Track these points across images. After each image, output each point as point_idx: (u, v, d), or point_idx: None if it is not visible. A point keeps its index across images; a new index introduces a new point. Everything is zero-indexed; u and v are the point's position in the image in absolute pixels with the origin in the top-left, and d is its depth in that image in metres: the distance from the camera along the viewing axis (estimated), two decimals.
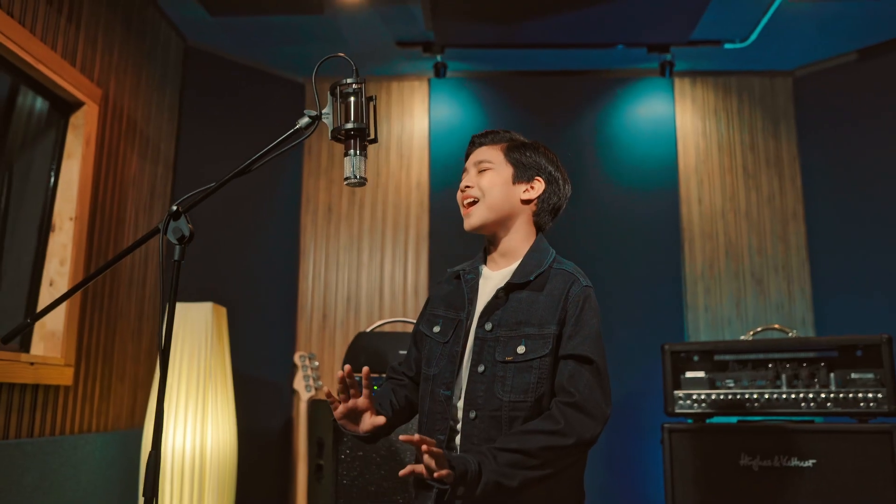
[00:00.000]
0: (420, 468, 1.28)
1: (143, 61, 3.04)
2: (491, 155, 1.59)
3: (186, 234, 1.61)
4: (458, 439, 1.46)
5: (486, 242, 1.63)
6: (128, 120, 2.89)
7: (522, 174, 1.57)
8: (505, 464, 1.32)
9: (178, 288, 1.53)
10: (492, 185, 1.55)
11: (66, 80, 2.42)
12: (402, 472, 1.29)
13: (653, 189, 3.71)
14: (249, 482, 3.10)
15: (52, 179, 2.49)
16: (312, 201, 3.80)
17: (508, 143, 1.61)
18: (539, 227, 1.61)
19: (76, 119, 2.53)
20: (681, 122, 3.81)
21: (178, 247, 1.60)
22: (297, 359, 3.57)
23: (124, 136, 2.87)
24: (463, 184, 1.60)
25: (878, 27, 3.38)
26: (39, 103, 2.49)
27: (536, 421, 1.40)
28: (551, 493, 1.44)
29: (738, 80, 3.84)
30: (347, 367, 1.45)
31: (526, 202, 1.57)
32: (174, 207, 1.64)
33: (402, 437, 1.28)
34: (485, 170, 1.57)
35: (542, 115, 3.81)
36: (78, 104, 2.54)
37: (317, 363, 3.54)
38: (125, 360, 2.88)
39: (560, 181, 1.61)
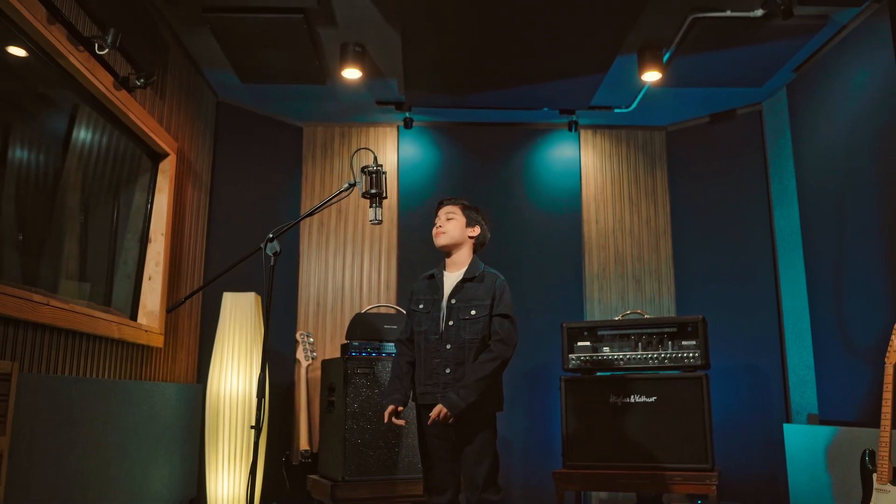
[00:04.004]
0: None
1: (195, 116, 4.16)
2: (454, 210, 2.85)
3: (278, 250, 2.81)
4: (437, 360, 2.71)
5: (445, 256, 2.87)
6: (187, 161, 4.02)
7: (470, 222, 2.84)
8: (470, 387, 2.56)
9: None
10: (454, 227, 2.82)
11: (161, 139, 3.55)
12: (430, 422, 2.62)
13: (563, 212, 5.00)
14: (271, 418, 4.26)
15: (149, 206, 3.60)
16: (309, 217, 4.96)
17: (463, 205, 2.87)
18: (475, 251, 2.87)
19: (164, 165, 3.66)
20: (584, 162, 5.12)
21: (272, 258, 2.80)
22: (298, 336, 4.72)
23: (185, 174, 3.99)
24: (437, 223, 2.86)
25: (720, 102, 4.75)
26: (137, 152, 3.60)
27: (483, 354, 2.64)
28: (489, 399, 2.68)
29: (627, 132, 5.18)
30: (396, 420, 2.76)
31: (470, 237, 2.84)
32: (270, 235, 2.83)
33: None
34: (451, 218, 2.83)
35: (483, 156, 5.04)
36: (165, 154, 3.66)
37: (312, 339, 4.71)
38: (183, 334, 4.00)
39: (487, 229, 2.89)
